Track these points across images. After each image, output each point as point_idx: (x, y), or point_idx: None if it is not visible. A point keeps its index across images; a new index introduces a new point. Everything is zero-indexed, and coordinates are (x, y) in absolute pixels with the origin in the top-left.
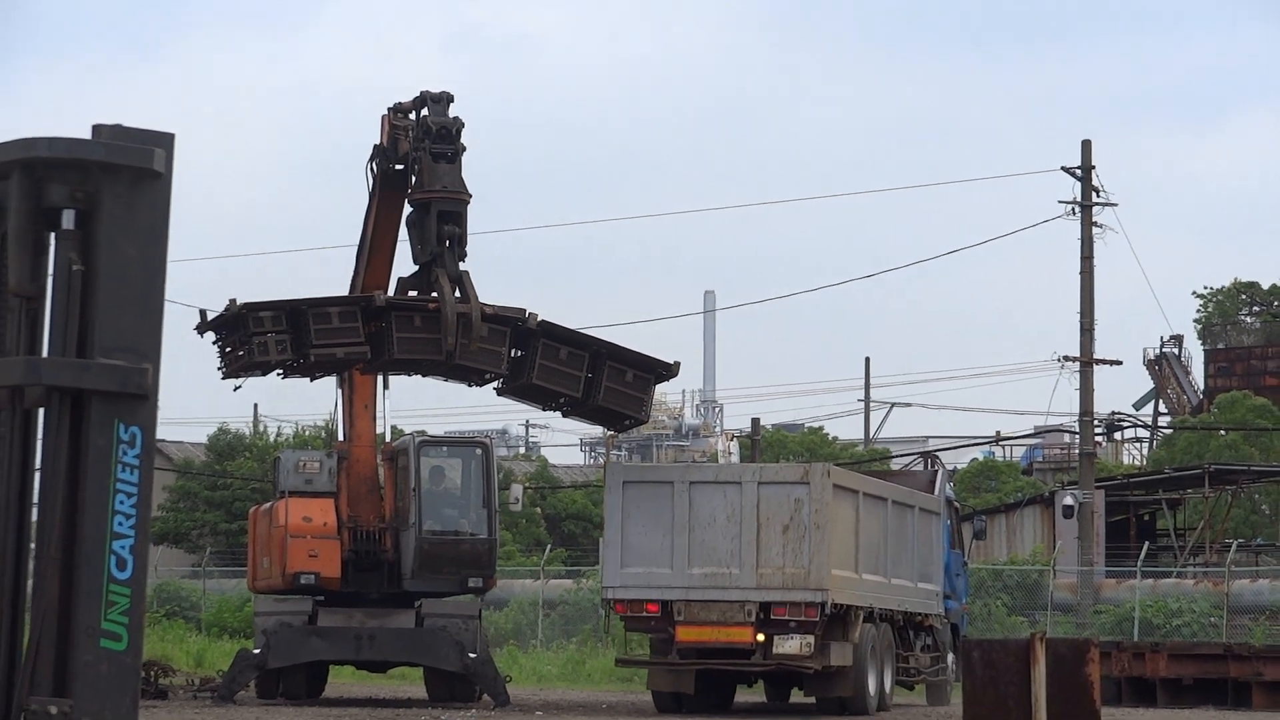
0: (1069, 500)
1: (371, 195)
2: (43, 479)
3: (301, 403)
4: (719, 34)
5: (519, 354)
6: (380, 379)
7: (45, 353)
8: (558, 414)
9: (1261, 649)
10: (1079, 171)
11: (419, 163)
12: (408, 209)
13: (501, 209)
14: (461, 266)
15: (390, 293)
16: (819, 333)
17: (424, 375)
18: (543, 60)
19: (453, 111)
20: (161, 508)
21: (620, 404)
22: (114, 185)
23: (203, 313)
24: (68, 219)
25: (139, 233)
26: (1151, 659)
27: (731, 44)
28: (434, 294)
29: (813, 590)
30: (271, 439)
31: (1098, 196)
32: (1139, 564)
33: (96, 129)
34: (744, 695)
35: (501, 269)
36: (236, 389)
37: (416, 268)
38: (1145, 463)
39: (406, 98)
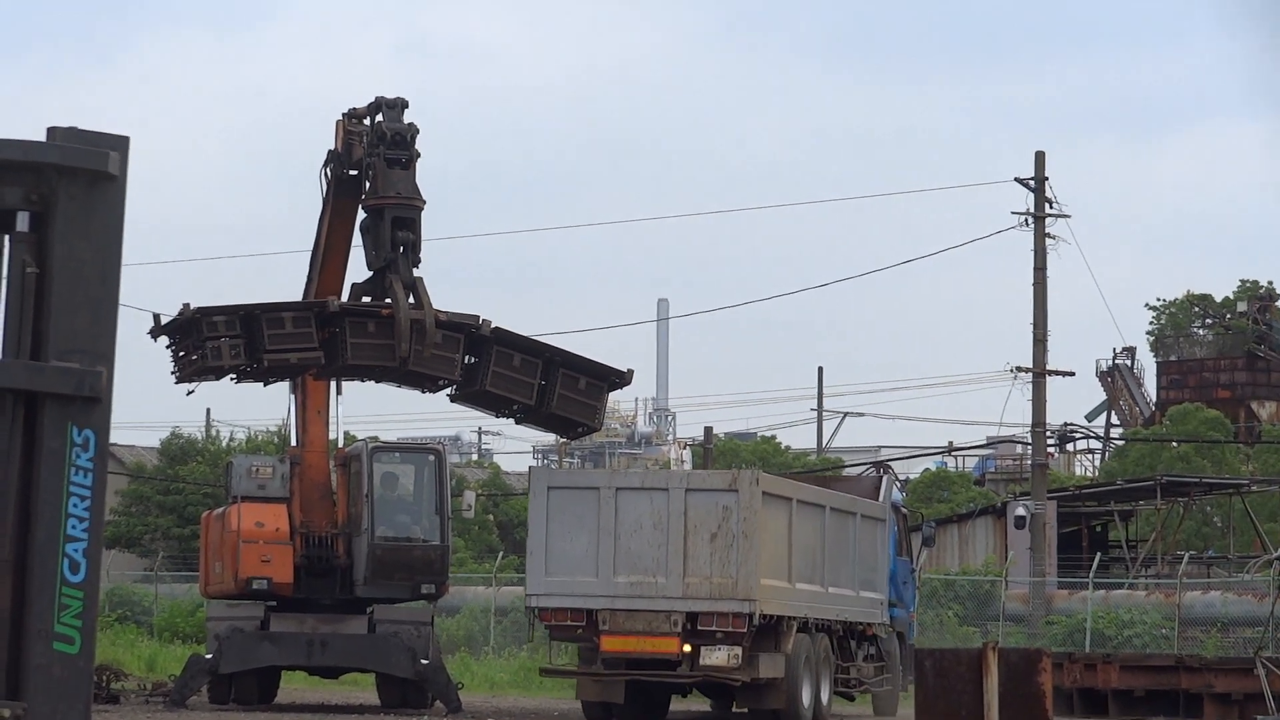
0: (1021, 511)
1: (325, 201)
2: None
3: (254, 408)
4: (673, 43)
5: (472, 361)
6: (333, 385)
7: None
8: (510, 421)
9: (1213, 661)
10: (1032, 183)
11: (373, 168)
12: (361, 215)
13: (454, 216)
14: (415, 273)
15: (344, 298)
16: (772, 342)
17: (377, 381)
18: (496, 67)
19: (407, 117)
20: (114, 512)
21: (573, 411)
22: (69, 188)
23: (156, 317)
24: (22, 221)
25: (94, 235)
26: (1103, 670)
27: (686, 53)
28: (387, 300)
29: (740, 600)
30: (224, 444)
31: (1051, 208)
32: (1091, 575)
33: (51, 131)
34: (689, 704)
35: (454, 276)
36: (189, 393)
37: (370, 273)
38: (1097, 474)
39: (360, 103)
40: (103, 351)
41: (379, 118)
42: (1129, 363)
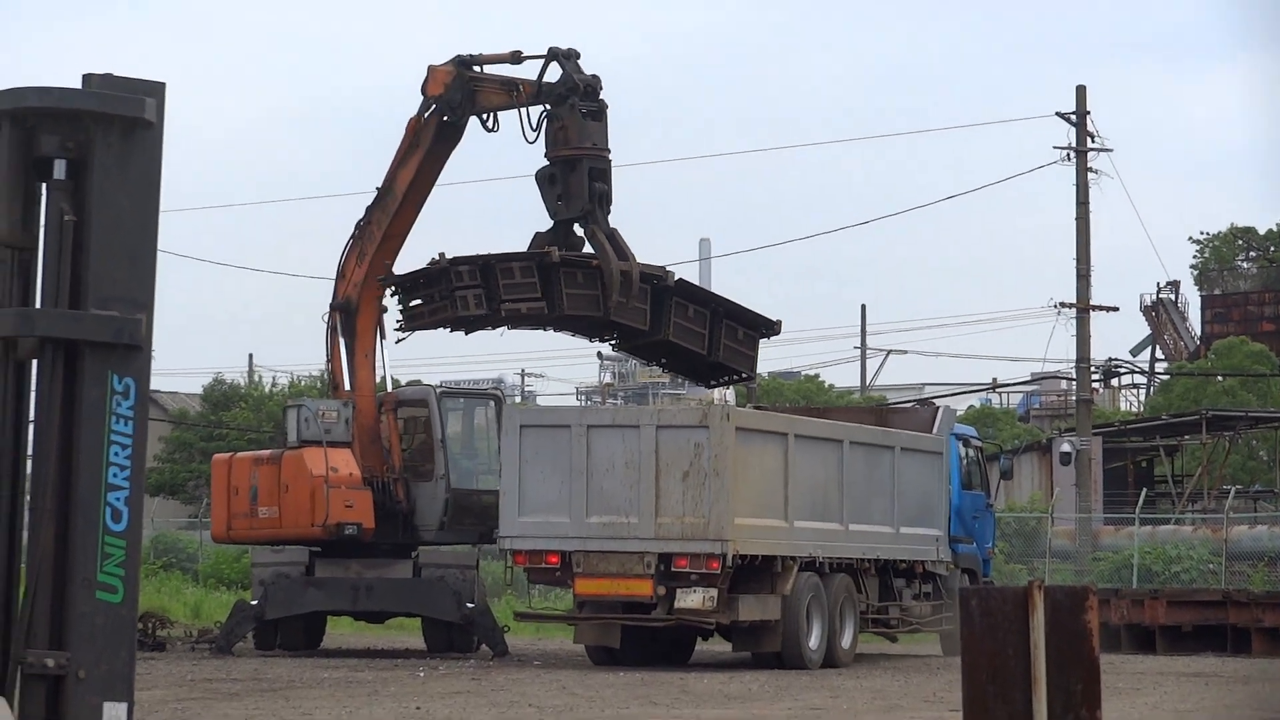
0: (1066, 447)
1: (414, 147)
2: (37, 431)
3: (295, 353)
4: None
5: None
6: (378, 328)
7: (38, 304)
8: (659, 369)
9: (1260, 595)
10: (1074, 117)
11: (559, 119)
12: (543, 164)
13: (495, 158)
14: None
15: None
16: (815, 280)
17: (572, 332)
18: (539, 6)
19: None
20: (157, 459)
21: (735, 360)
22: (106, 135)
23: (388, 266)
24: (59, 169)
25: (131, 183)
26: (1151, 606)
27: None
28: (582, 250)
29: (712, 541)
30: (267, 389)
31: (1093, 142)
32: (1137, 511)
33: (87, 78)
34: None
35: (498, 219)
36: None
37: (552, 224)
38: (1142, 409)
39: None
40: (142, 299)
41: (554, 68)
42: (1173, 297)
